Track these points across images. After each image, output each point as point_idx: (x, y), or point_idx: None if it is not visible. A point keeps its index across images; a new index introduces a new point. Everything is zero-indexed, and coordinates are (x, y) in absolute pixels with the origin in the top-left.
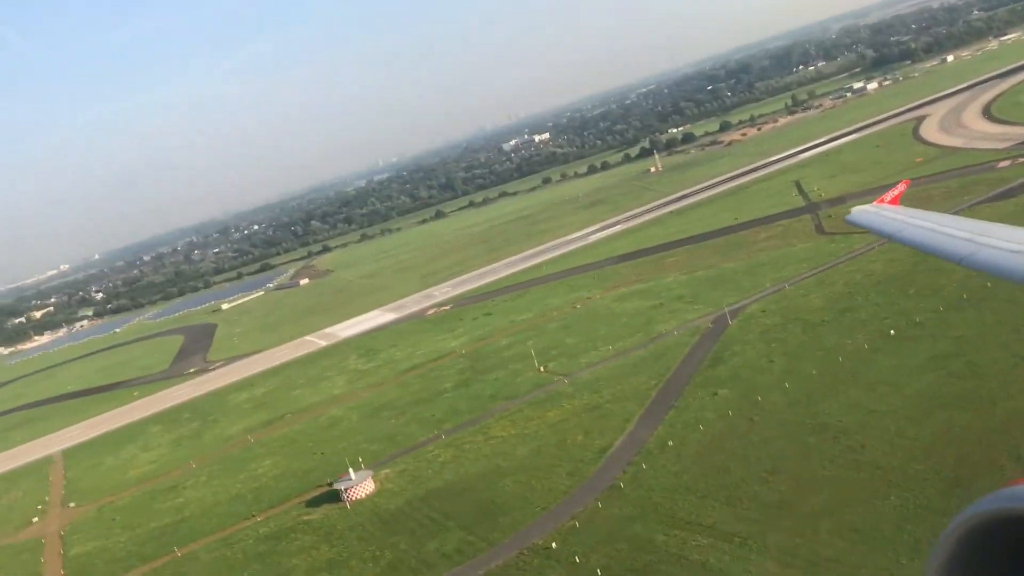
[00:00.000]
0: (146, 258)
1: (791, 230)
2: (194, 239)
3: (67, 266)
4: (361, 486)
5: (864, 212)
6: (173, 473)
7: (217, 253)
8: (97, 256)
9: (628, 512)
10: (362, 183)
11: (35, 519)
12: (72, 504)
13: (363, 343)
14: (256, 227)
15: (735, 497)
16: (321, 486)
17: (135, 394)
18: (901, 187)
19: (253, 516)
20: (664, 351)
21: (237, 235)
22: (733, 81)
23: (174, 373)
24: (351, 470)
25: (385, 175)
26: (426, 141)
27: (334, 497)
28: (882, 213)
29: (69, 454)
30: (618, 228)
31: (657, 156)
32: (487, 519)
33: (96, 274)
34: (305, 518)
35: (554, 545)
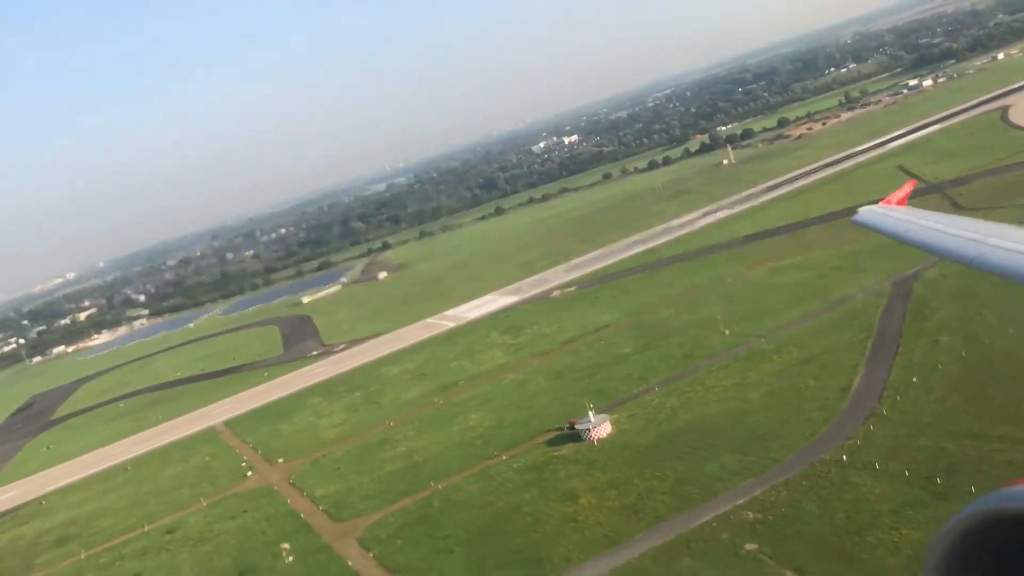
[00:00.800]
0: (171, 262)
1: (928, 207)
2: (215, 243)
3: (73, 274)
4: (600, 427)
5: (871, 213)
6: (371, 431)
7: (253, 255)
8: (102, 264)
9: (905, 431)
10: (380, 187)
11: (249, 473)
12: (280, 460)
13: (498, 322)
14: (283, 230)
15: (1014, 416)
16: (550, 430)
17: (265, 374)
18: (908, 188)
19: (495, 456)
20: (856, 312)
21: (265, 238)
22: (763, 83)
23: (295, 356)
24: (590, 413)
25: (402, 179)
26: (431, 147)
27: (571, 439)
28: (889, 214)
29: (232, 425)
30: (724, 214)
31: (730, 149)
32: (756, 445)
33: (120, 278)
34: (555, 454)
35: (844, 458)
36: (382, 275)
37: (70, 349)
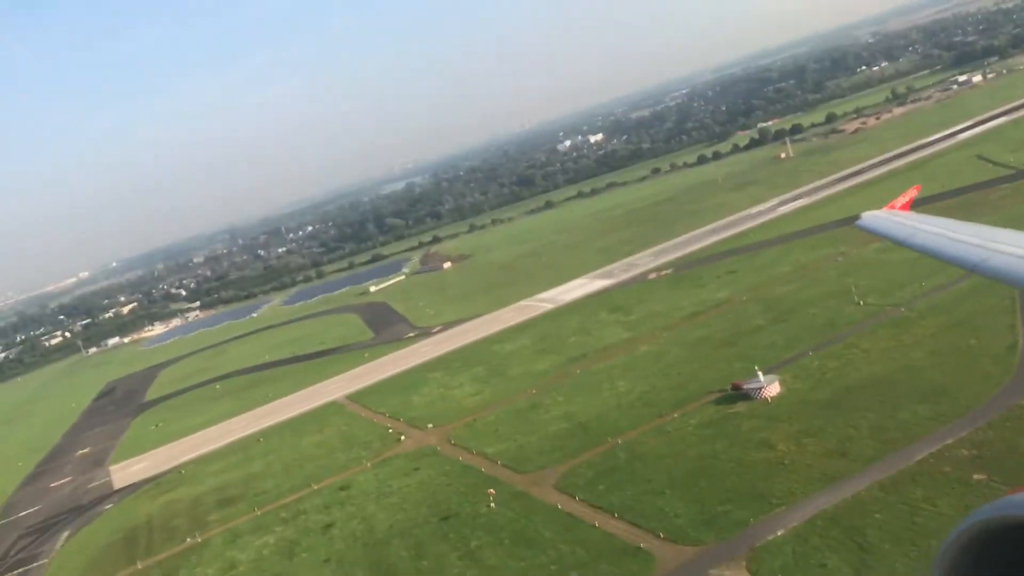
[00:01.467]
0: (198, 259)
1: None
2: (239, 241)
3: (86, 273)
4: (770, 387)
5: (875, 217)
6: (515, 399)
7: (288, 251)
8: (115, 264)
9: None
10: (396, 186)
11: (402, 437)
12: (430, 425)
13: (601, 302)
14: (310, 228)
15: None
16: (711, 393)
17: (366, 355)
18: (912, 192)
19: (665, 415)
20: (990, 280)
21: (291, 236)
22: (792, 81)
23: (389, 338)
24: (759, 373)
25: (418, 178)
26: (438, 149)
27: (738, 399)
28: (893, 219)
29: (357, 398)
30: (802, 202)
31: (788, 143)
32: (941, 396)
33: (144, 275)
34: (730, 411)
35: None
36: (447, 265)
37: (126, 340)
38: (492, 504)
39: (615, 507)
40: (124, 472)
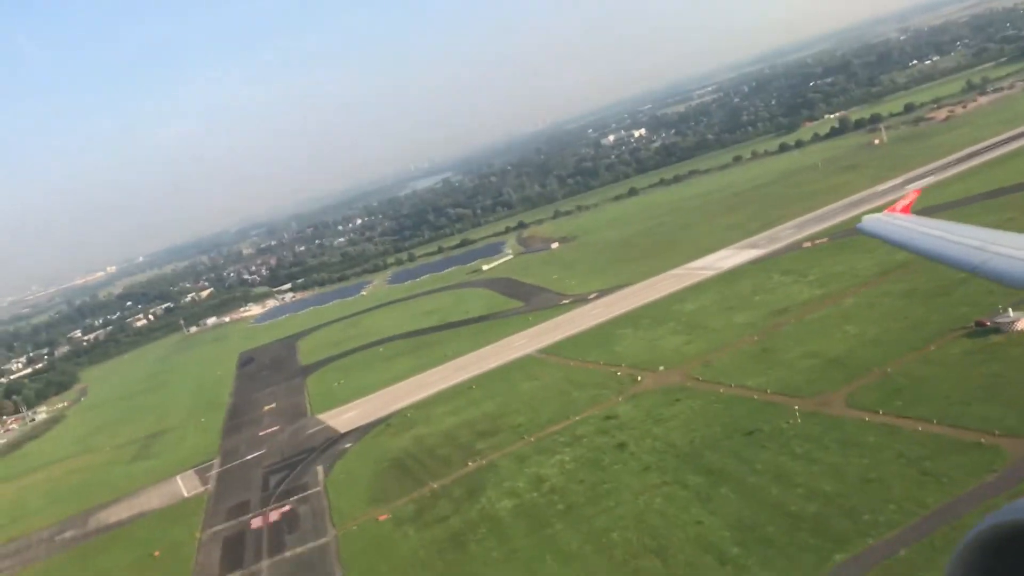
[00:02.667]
0: (248, 251)
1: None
2: (286, 235)
3: (114, 268)
4: (1020, 322)
5: (875, 220)
6: (737, 344)
7: (350, 240)
8: (141, 259)
9: None
10: (426, 182)
11: (639, 377)
12: (661, 368)
13: (766, 267)
14: (359, 220)
15: None
16: (953, 330)
17: (529, 319)
18: (912, 195)
19: (919, 349)
20: None
21: (341, 228)
22: (842, 76)
23: (541, 306)
24: (1009, 310)
25: (447, 174)
26: (453, 149)
27: (987, 333)
28: (893, 222)
29: (554, 351)
30: (930, 180)
31: (883, 129)
32: None
33: (187, 268)
34: (988, 342)
35: None
36: (554, 245)
37: (226, 319)
38: (796, 420)
39: (931, 416)
40: (339, 419)
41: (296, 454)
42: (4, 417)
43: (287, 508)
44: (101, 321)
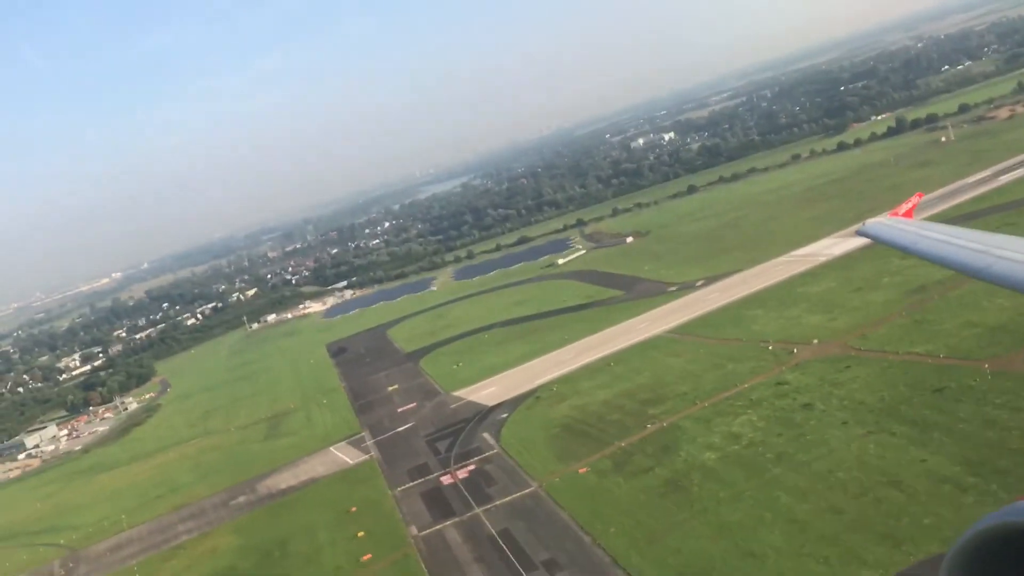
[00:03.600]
0: (273, 253)
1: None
2: (309, 237)
3: (119, 274)
4: None
5: (878, 224)
6: (887, 319)
7: (386, 240)
8: (146, 265)
9: None
10: (441, 187)
11: (794, 350)
12: (815, 341)
13: (880, 253)
14: (387, 224)
15: None
16: None
17: (640, 304)
18: (915, 199)
19: None
20: None
21: (369, 232)
22: (875, 80)
23: (645, 294)
24: None
25: (464, 178)
26: (456, 155)
27: None
28: (896, 226)
29: (684, 331)
30: (1021, 172)
31: (950, 127)
32: None
33: (209, 271)
34: None
35: None
36: (629, 239)
37: (289, 315)
38: (986, 377)
39: None
40: (480, 394)
41: (449, 425)
42: (93, 408)
43: (472, 467)
44: (144, 321)
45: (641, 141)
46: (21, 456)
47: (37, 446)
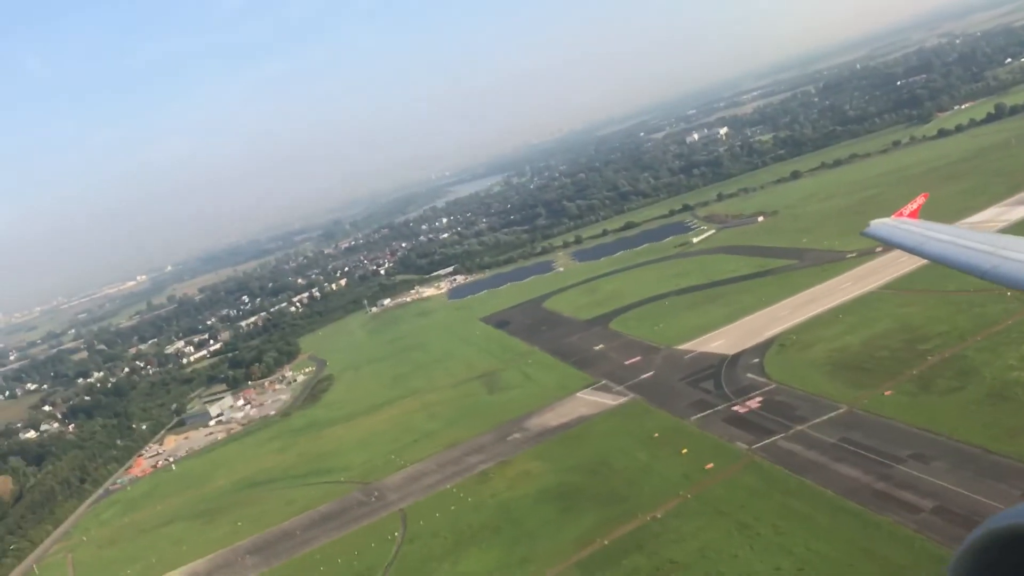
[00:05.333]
0: (327, 251)
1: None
2: (377, 234)
3: (144, 276)
4: None
5: (883, 225)
6: None
7: (458, 232)
8: (169, 268)
9: None
10: (470, 188)
11: None
12: None
13: None
14: (444, 219)
15: None
16: None
17: (825, 269)
18: (920, 200)
19: None
20: None
21: (427, 226)
22: (936, 74)
23: (825, 260)
24: None
25: (498, 177)
26: (468, 158)
27: None
28: (901, 226)
29: (899, 286)
30: None
31: None
32: None
33: (261, 269)
34: None
35: None
36: (760, 219)
37: (408, 299)
38: None
39: None
40: (709, 347)
41: (697, 371)
42: (252, 382)
43: (759, 399)
44: (235, 312)
45: (696, 136)
46: (211, 423)
47: (221, 414)
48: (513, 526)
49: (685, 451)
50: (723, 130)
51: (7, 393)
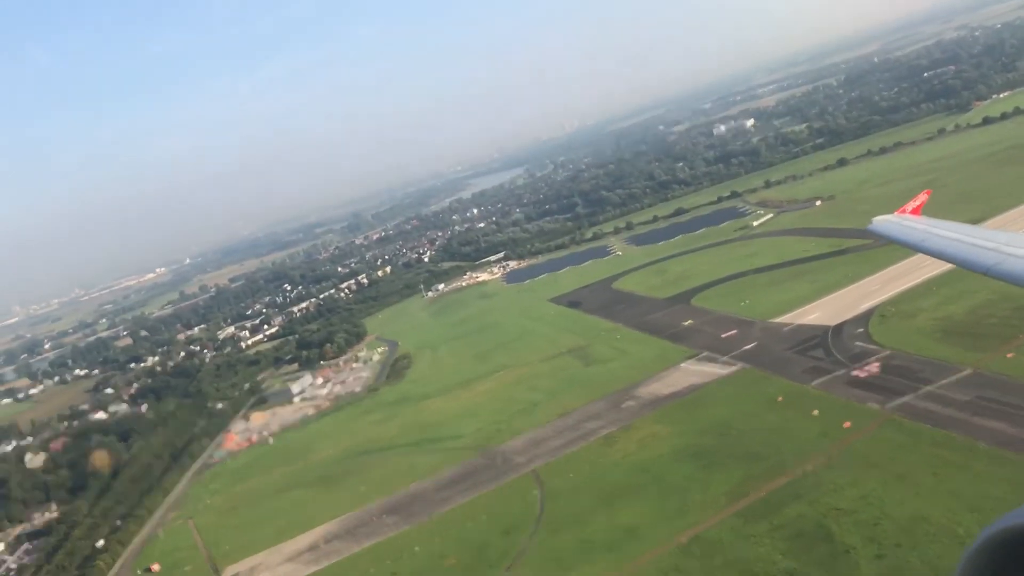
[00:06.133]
0: (358, 241)
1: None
2: (389, 228)
3: (163, 269)
4: None
5: (886, 222)
6: None
7: (495, 222)
8: (188, 260)
9: None
10: (492, 180)
11: None
12: None
13: None
14: (476, 210)
15: None
16: None
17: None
18: (923, 196)
19: None
20: None
21: (458, 217)
22: (966, 65)
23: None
24: None
25: (518, 170)
26: (480, 153)
27: None
28: (904, 223)
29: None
30: None
31: None
32: None
33: (293, 259)
34: None
35: None
36: (818, 203)
37: (464, 284)
38: None
39: None
40: (807, 319)
41: (801, 342)
42: (325, 362)
43: (876, 363)
44: (283, 298)
45: (723, 128)
46: (295, 399)
47: (302, 391)
48: (656, 482)
49: (816, 412)
50: (750, 122)
51: (56, 379)
